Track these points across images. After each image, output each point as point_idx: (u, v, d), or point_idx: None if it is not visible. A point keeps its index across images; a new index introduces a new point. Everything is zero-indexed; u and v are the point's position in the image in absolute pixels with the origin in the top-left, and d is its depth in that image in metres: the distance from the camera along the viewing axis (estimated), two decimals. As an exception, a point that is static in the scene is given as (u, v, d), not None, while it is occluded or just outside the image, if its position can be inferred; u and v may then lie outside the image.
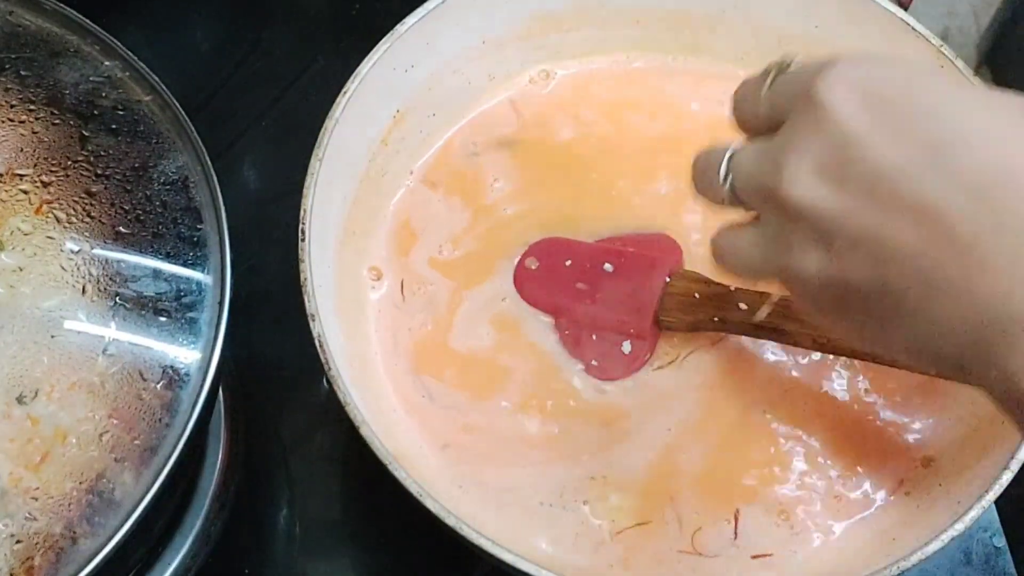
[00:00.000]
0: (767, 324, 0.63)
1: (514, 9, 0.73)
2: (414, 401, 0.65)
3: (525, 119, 0.75)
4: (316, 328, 0.57)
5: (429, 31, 0.69)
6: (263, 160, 0.87)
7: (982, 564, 0.73)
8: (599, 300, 0.66)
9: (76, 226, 0.54)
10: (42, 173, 0.55)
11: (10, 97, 0.57)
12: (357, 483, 0.74)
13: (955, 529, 0.55)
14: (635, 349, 0.66)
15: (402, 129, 0.71)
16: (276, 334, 0.76)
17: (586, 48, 0.77)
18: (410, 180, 0.73)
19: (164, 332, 0.53)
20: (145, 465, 0.49)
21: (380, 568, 0.73)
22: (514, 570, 0.53)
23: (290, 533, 0.73)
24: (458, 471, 0.63)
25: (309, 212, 0.61)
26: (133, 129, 0.57)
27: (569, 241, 0.69)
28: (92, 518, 0.48)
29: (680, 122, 0.75)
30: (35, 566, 0.47)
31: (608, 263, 0.67)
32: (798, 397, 0.66)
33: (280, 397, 0.76)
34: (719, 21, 0.76)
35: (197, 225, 0.55)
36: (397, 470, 0.54)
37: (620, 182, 0.72)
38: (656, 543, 0.61)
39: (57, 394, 0.50)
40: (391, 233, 0.71)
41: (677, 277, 0.66)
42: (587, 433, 0.64)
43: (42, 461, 0.49)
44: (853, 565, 0.60)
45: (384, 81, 0.68)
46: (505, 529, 0.61)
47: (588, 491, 0.62)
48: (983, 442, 0.61)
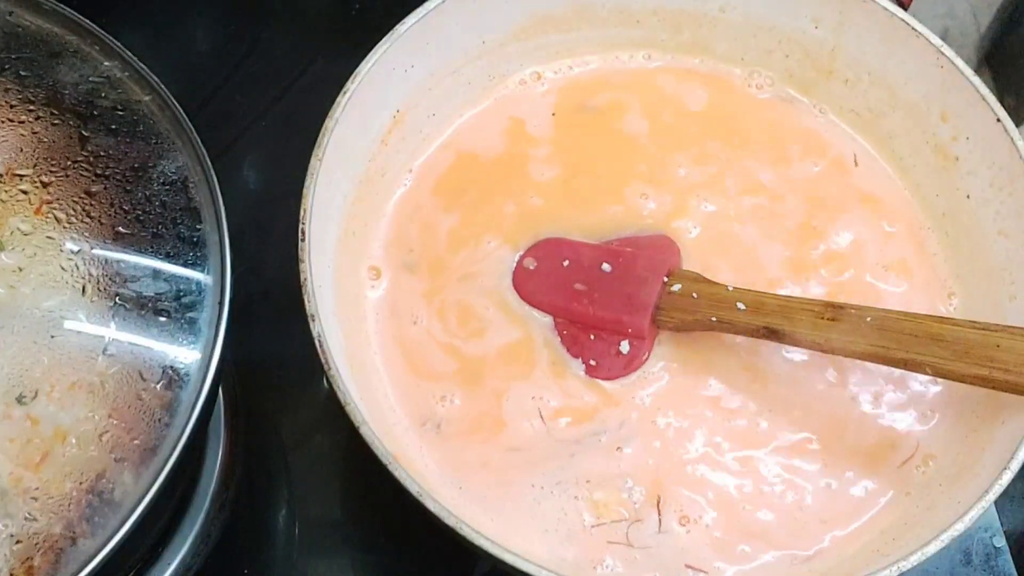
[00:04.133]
0: (765, 324, 0.63)
1: (514, 9, 0.73)
2: (414, 401, 0.65)
3: (525, 119, 0.75)
4: (316, 328, 0.57)
5: (429, 31, 0.69)
6: (263, 160, 0.87)
7: (982, 564, 0.73)
8: (597, 300, 0.66)
9: (76, 226, 0.54)
10: (42, 173, 0.55)
11: (10, 97, 0.57)
12: (357, 483, 0.74)
13: (955, 529, 0.55)
14: (633, 349, 0.66)
15: (402, 129, 0.71)
16: (276, 334, 0.76)
17: (586, 48, 0.77)
18: (409, 180, 0.73)
19: (164, 332, 0.53)
20: (145, 465, 0.49)
21: (380, 568, 0.73)
22: (514, 570, 0.53)
23: (290, 533, 0.73)
24: (458, 470, 0.63)
25: (309, 212, 0.61)
26: (133, 129, 0.57)
27: (568, 241, 0.70)
28: (92, 518, 0.48)
29: (680, 122, 0.75)
30: (35, 566, 0.47)
31: (606, 263, 0.67)
32: (796, 397, 0.66)
33: (280, 397, 0.76)
34: (719, 21, 0.76)
35: (197, 225, 0.55)
36: (397, 470, 0.54)
37: (619, 182, 0.72)
38: (655, 542, 0.61)
39: (57, 394, 0.50)
40: (390, 233, 0.71)
41: (675, 277, 0.66)
42: (586, 432, 0.64)
43: (42, 461, 0.49)
44: (853, 565, 0.60)
45: (384, 81, 0.68)
46: (504, 528, 0.61)
47: (587, 489, 0.62)
48: (983, 442, 0.61)
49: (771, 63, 0.77)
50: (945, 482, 0.62)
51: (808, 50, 0.75)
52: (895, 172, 0.75)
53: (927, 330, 0.59)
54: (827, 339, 0.61)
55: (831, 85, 0.76)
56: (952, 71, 0.69)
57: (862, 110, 0.75)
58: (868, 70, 0.74)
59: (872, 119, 0.75)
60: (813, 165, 0.74)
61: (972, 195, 0.69)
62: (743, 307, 0.64)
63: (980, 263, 0.69)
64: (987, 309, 0.67)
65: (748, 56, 0.77)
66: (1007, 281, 0.67)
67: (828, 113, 0.77)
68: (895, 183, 0.74)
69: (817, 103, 0.77)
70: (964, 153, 0.70)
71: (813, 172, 0.74)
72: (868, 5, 0.71)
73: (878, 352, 0.60)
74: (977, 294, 0.69)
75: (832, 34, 0.74)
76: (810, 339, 0.62)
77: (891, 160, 0.75)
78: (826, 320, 0.61)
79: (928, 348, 0.59)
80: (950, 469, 0.62)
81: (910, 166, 0.74)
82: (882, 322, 0.60)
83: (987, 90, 0.68)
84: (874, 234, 0.72)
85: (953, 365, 0.58)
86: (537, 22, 0.75)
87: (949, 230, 0.71)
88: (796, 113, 0.77)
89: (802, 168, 0.74)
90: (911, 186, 0.74)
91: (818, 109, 0.77)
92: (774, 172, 0.74)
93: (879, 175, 0.75)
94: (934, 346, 0.59)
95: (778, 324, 0.63)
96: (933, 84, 0.70)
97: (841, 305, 0.62)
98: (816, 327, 0.61)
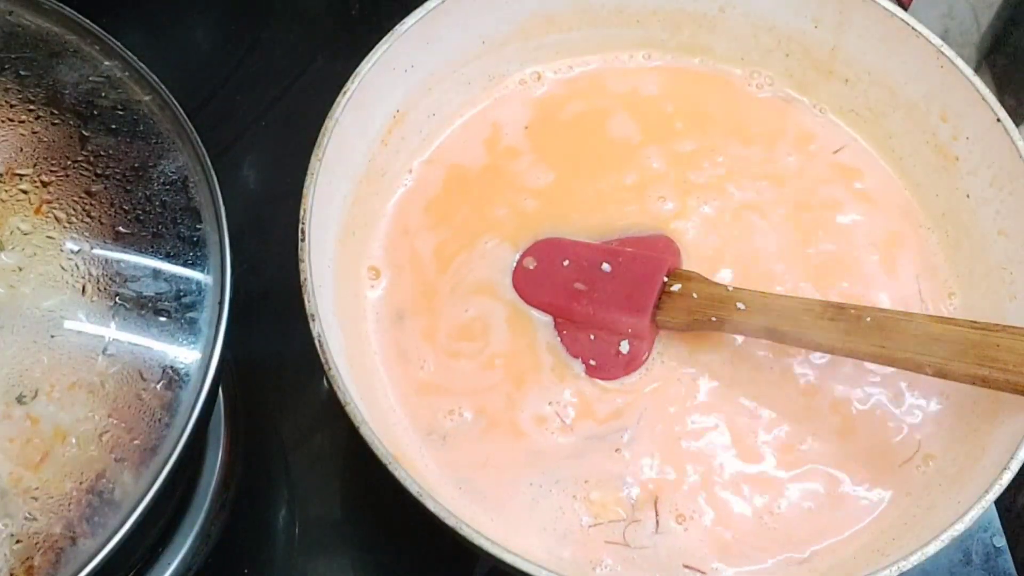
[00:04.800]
0: (765, 324, 0.63)
1: (514, 9, 0.73)
2: (414, 401, 0.65)
3: (525, 119, 0.75)
4: (316, 328, 0.57)
5: (429, 31, 0.69)
6: (263, 160, 0.87)
7: (982, 564, 0.73)
8: (597, 300, 0.66)
9: (76, 226, 0.54)
10: (42, 173, 0.55)
11: (10, 97, 0.57)
12: (357, 483, 0.74)
13: (955, 529, 0.55)
14: (633, 349, 0.66)
15: (402, 129, 0.71)
16: (276, 334, 0.76)
17: (586, 48, 0.77)
18: (409, 180, 0.73)
19: (164, 332, 0.53)
20: (145, 465, 0.49)
21: (380, 568, 0.73)
22: (514, 570, 0.53)
23: (290, 533, 0.73)
24: (457, 470, 0.63)
25: (309, 212, 0.61)
26: (133, 129, 0.57)
27: (567, 241, 0.70)
28: (92, 518, 0.48)
29: (680, 122, 0.75)
30: (35, 566, 0.47)
31: (606, 263, 0.67)
32: (796, 397, 0.66)
33: (280, 397, 0.76)
34: (719, 21, 0.76)
35: (197, 225, 0.55)
36: (397, 470, 0.54)
37: (619, 182, 0.72)
38: (652, 543, 0.61)
39: (57, 394, 0.50)
40: (390, 233, 0.71)
41: (675, 277, 0.66)
42: (585, 432, 0.64)
43: (42, 461, 0.49)
44: (853, 565, 0.60)
45: (384, 81, 0.68)
46: (504, 527, 0.61)
47: (585, 489, 0.62)
48: (983, 442, 0.61)
49: (771, 63, 0.77)
50: (945, 482, 0.62)
51: (808, 50, 0.75)
52: (895, 172, 0.75)
53: (927, 330, 0.59)
54: (827, 339, 0.61)
55: (831, 85, 0.76)
56: (952, 71, 0.68)
57: (862, 110, 0.75)
58: (868, 70, 0.74)
59: (872, 119, 0.75)
60: (813, 165, 0.74)
61: (972, 195, 0.69)
62: (743, 307, 0.64)
63: (980, 263, 0.69)
64: (987, 309, 0.67)
65: (748, 56, 0.77)
66: (1007, 281, 0.67)
67: (828, 113, 0.77)
68: (895, 183, 0.74)
69: (817, 103, 0.77)
70: (964, 153, 0.70)
71: (813, 172, 0.74)
72: (868, 5, 0.71)
73: (878, 352, 0.60)
74: (977, 294, 0.69)
75: (832, 34, 0.74)
76: (810, 339, 0.62)
77: (891, 160, 0.75)
78: (826, 320, 0.61)
79: (928, 348, 0.59)
80: (950, 469, 0.62)
81: (910, 166, 0.74)
82: (882, 322, 0.60)
83: (987, 90, 0.68)
84: (874, 234, 0.72)
85: (953, 365, 0.58)
86: (537, 22, 0.75)
87: (949, 230, 0.71)
88: (796, 113, 0.77)
89: (802, 168, 0.74)
90: (911, 186, 0.74)
91: (818, 109, 0.77)
92: (774, 172, 0.74)
93: (879, 175, 0.75)
94: (934, 346, 0.59)
95: (778, 324, 0.62)
96: (933, 84, 0.70)
97: (841, 305, 0.62)
98: (816, 327, 0.61)
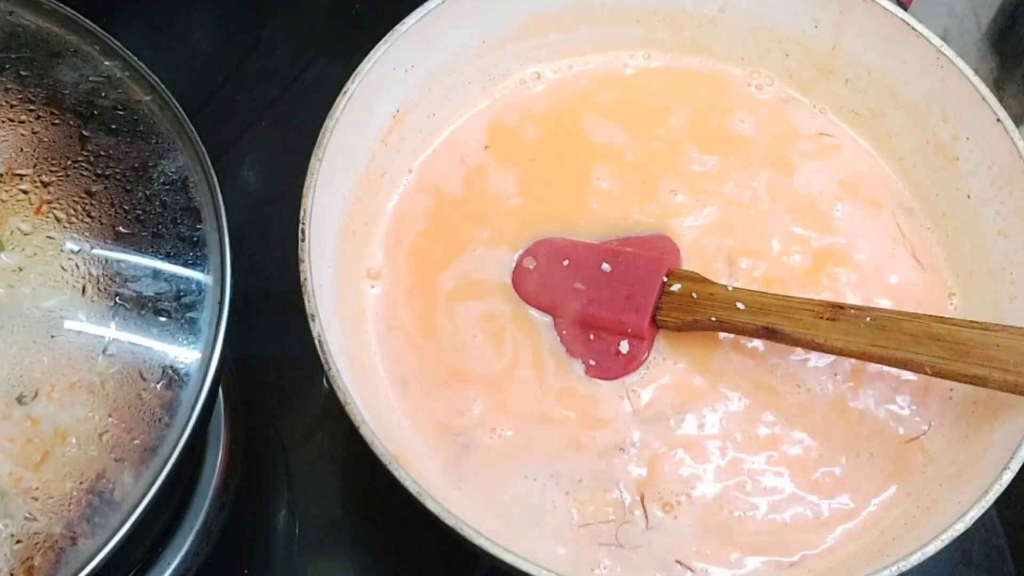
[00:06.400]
0: (765, 324, 0.63)
1: (513, 9, 0.73)
2: (414, 401, 0.65)
3: (525, 119, 0.75)
4: (316, 328, 0.57)
5: (429, 31, 0.69)
6: (263, 160, 0.87)
7: (982, 564, 0.73)
8: (597, 300, 0.66)
9: (76, 226, 0.54)
10: (42, 173, 0.55)
11: (10, 97, 0.57)
12: (357, 483, 0.74)
13: (955, 529, 0.55)
14: (633, 349, 0.66)
15: (402, 129, 0.71)
16: (276, 334, 0.76)
17: (586, 48, 0.77)
18: (409, 180, 0.73)
19: (164, 332, 0.53)
20: (145, 465, 0.49)
21: (380, 568, 0.73)
22: (513, 569, 0.53)
23: (290, 533, 0.73)
24: (457, 470, 0.63)
25: (309, 212, 0.61)
26: (133, 129, 0.57)
27: (567, 241, 0.70)
28: (92, 518, 0.48)
29: (680, 122, 0.75)
30: (35, 566, 0.47)
31: (606, 263, 0.67)
32: (795, 397, 0.66)
33: (280, 397, 0.76)
34: (719, 21, 0.76)
35: (197, 225, 0.55)
36: (397, 470, 0.54)
37: (619, 182, 0.72)
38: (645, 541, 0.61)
39: (57, 394, 0.50)
40: (390, 233, 0.71)
41: (675, 277, 0.66)
42: (584, 432, 0.64)
43: (42, 461, 0.49)
44: (853, 565, 0.60)
45: (384, 81, 0.68)
46: (504, 527, 0.61)
47: (584, 488, 0.62)
48: (983, 442, 0.61)
49: (771, 63, 0.77)
50: (945, 482, 0.62)
51: (808, 50, 0.75)
52: (895, 172, 0.75)
53: (927, 330, 0.59)
54: (827, 339, 0.61)
55: (831, 85, 0.76)
56: (952, 71, 0.69)
57: (862, 110, 0.75)
58: (868, 70, 0.74)
59: (872, 119, 0.75)
60: (813, 165, 0.74)
61: (972, 195, 0.69)
62: (743, 307, 0.64)
63: (980, 263, 0.69)
64: (987, 309, 0.67)
65: (748, 56, 0.77)
66: (1007, 281, 0.67)
67: (828, 113, 0.77)
68: (895, 183, 0.74)
69: (817, 103, 0.77)
70: (964, 153, 0.70)
71: (813, 172, 0.74)
72: (868, 5, 0.71)
73: (878, 352, 0.60)
74: (977, 294, 0.69)
75: (832, 34, 0.74)
76: (810, 339, 0.62)
77: (891, 160, 0.75)
78: (826, 320, 0.61)
79: (928, 348, 0.59)
80: (950, 469, 0.62)
81: (910, 166, 0.74)
82: (882, 322, 0.60)
83: (987, 90, 0.68)
84: (874, 234, 0.72)
85: (953, 365, 0.58)
86: (537, 22, 0.75)
87: (949, 230, 0.71)
88: (796, 113, 0.77)
89: (802, 168, 0.74)
90: (911, 186, 0.74)
91: (818, 109, 0.77)
92: (774, 172, 0.74)
93: (879, 175, 0.75)
94: (934, 346, 0.59)
95: (778, 324, 0.63)
96: (933, 84, 0.70)
97: (841, 305, 0.62)
98: (816, 327, 0.62)
